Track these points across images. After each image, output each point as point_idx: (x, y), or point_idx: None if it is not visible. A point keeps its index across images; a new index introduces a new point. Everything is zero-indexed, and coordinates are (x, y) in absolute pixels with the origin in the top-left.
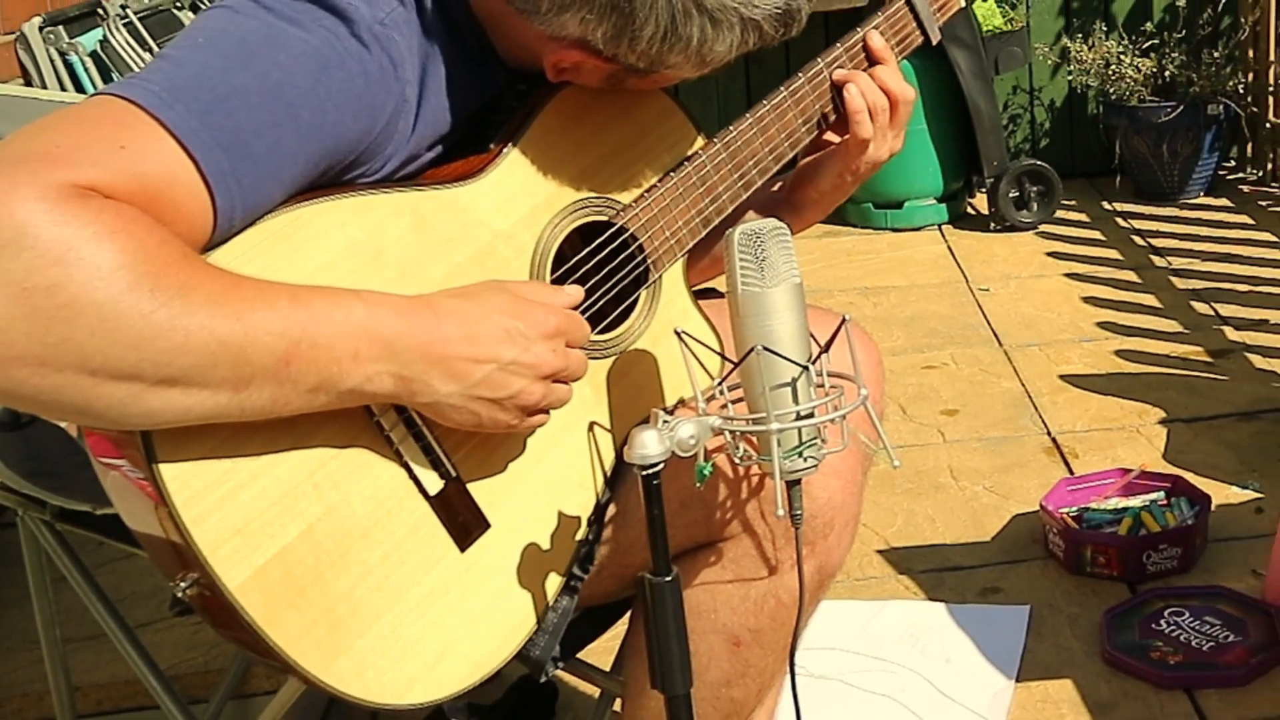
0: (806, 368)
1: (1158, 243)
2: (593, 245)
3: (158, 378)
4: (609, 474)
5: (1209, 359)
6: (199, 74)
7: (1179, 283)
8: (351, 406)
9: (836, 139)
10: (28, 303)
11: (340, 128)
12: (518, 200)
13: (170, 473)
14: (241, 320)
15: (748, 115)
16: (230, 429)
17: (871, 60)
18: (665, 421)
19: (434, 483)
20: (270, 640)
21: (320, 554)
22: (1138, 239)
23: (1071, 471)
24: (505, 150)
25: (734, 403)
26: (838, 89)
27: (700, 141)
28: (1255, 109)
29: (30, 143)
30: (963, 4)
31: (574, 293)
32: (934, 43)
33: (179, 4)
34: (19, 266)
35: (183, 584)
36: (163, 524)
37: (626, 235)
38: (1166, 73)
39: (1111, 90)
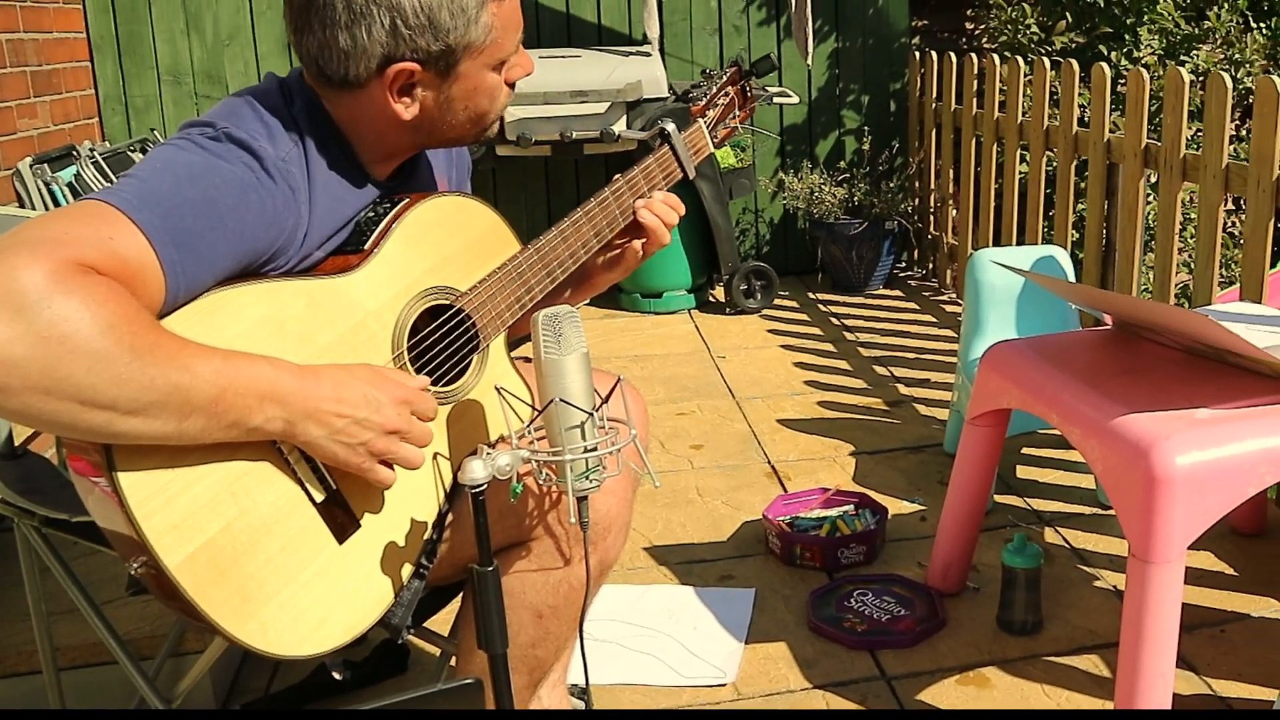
0: (591, 414)
1: (849, 322)
2: (438, 321)
3: (128, 409)
4: (448, 491)
5: (886, 407)
6: (159, 189)
7: (864, 352)
8: (254, 439)
9: (623, 241)
10: (44, 348)
11: (256, 236)
12: (384, 288)
13: (126, 480)
14: (188, 371)
15: (553, 229)
16: (172, 449)
17: (648, 188)
18: (488, 453)
19: (319, 493)
20: (199, 608)
21: (236, 544)
22: (834, 320)
23: (785, 490)
24: (375, 251)
25: (539, 439)
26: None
27: (518, 247)
28: (920, 225)
29: (43, 230)
30: (711, 150)
31: (422, 381)
32: (690, 178)
33: (133, 148)
34: (43, 321)
35: (135, 565)
36: (122, 520)
37: (463, 315)
38: (855, 198)
39: (815, 210)
